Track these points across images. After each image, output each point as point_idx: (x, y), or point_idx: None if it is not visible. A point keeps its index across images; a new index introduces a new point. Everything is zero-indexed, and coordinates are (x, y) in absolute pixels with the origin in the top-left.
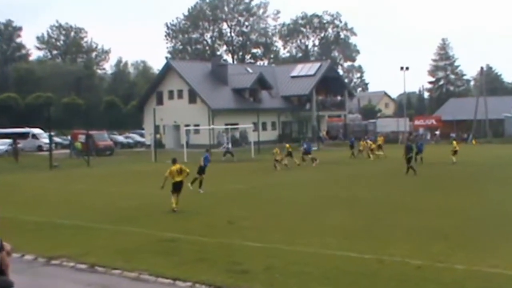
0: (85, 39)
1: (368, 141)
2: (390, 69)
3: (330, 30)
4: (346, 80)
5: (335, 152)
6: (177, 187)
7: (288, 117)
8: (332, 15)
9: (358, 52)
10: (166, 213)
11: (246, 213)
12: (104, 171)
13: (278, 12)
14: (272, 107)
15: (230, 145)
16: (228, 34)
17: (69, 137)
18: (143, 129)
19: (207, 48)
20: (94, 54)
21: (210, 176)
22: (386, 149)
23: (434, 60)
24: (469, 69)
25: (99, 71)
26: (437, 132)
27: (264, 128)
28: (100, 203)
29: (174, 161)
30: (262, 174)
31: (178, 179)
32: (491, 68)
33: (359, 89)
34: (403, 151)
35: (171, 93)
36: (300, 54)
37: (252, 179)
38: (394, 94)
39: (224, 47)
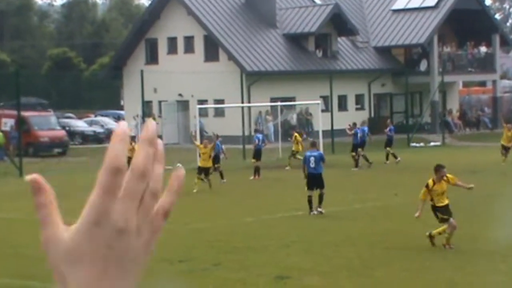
0: None
1: None
2: None
3: None
4: (497, 17)
5: (475, 151)
6: None
7: (386, 87)
8: None
9: None
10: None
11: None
12: (51, 186)
13: None
14: (358, 68)
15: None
16: None
17: None
18: (121, 108)
19: None
20: None
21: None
22: None
23: None
24: None
25: (40, 1)
26: None
27: (343, 106)
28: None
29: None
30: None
31: None
32: None
33: None
34: None
35: (172, 42)
36: None
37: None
38: None
39: None
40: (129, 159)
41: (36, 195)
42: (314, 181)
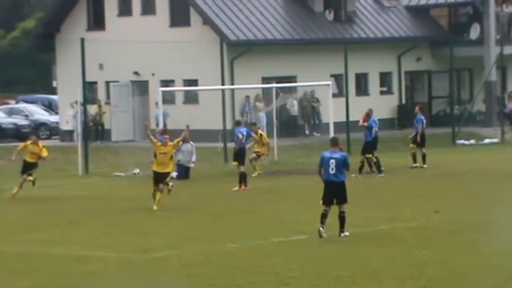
0: None
1: None
2: None
3: None
4: None
5: None
6: None
7: (423, 62)
8: None
9: None
10: None
11: None
12: None
13: None
14: (383, 36)
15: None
16: None
17: None
18: (53, 91)
19: None
20: None
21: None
22: None
23: None
24: None
25: None
26: None
27: (363, 90)
28: None
29: None
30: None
31: None
32: None
33: None
34: None
35: (125, 0)
36: None
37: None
38: None
39: None
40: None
41: None
42: (334, 192)
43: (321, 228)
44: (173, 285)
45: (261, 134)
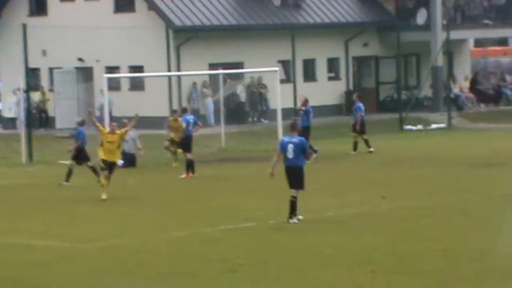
0: None
1: None
2: None
3: None
4: None
5: (493, 136)
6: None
7: (370, 47)
8: None
9: None
10: None
11: None
12: None
13: None
14: (331, 21)
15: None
16: None
17: None
18: None
19: None
20: None
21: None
22: None
23: None
24: None
25: None
26: None
27: (310, 75)
28: None
29: None
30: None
31: None
32: None
33: None
34: None
35: None
36: None
37: None
38: None
39: None
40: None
41: None
42: (291, 177)
43: (291, 219)
44: (120, 274)
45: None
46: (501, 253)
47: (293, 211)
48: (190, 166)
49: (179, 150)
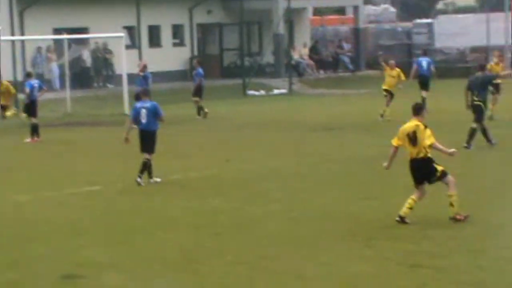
0: None
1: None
2: None
3: None
4: None
5: (332, 100)
6: None
7: (214, 15)
8: None
9: None
10: None
11: None
12: None
13: None
14: None
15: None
16: None
17: None
18: None
19: None
20: None
21: None
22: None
23: None
24: None
25: None
26: None
27: (155, 41)
28: None
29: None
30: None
31: None
32: None
33: None
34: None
35: None
36: None
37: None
38: None
39: None
40: None
41: None
42: (144, 140)
43: (138, 179)
44: None
45: (6, 86)
46: (340, 215)
47: (143, 171)
48: (34, 130)
49: (23, 115)
